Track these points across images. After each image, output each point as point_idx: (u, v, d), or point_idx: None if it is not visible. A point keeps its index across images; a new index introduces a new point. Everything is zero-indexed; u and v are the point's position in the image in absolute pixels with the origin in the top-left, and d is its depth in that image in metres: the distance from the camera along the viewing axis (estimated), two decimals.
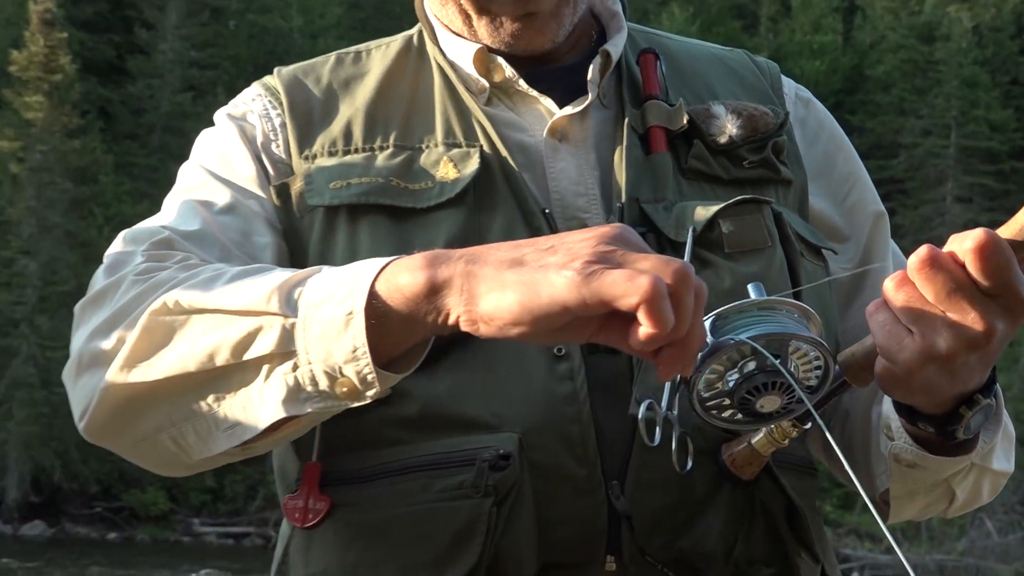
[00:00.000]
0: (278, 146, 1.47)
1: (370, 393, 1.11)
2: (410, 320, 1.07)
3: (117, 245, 1.39)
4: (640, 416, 1.18)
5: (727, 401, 1.12)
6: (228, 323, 1.14)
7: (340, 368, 1.09)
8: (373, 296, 1.07)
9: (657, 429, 1.15)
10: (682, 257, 1.26)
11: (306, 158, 1.44)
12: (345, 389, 1.11)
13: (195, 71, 48.42)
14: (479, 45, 1.45)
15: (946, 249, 1.05)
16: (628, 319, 0.96)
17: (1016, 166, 50.54)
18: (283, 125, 1.47)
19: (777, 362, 1.07)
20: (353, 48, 1.58)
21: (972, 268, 1.03)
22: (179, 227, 1.37)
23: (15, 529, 36.82)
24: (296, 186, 1.43)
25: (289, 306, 1.12)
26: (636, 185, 1.39)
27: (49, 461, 37.67)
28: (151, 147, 46.64)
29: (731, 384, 1.11)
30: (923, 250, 1.05)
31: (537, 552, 1.25)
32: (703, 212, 1.37)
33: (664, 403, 1.16)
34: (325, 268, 1.15)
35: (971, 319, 1.06)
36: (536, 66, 1.46)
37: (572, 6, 1.43)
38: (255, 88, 1.55)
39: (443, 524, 1.25)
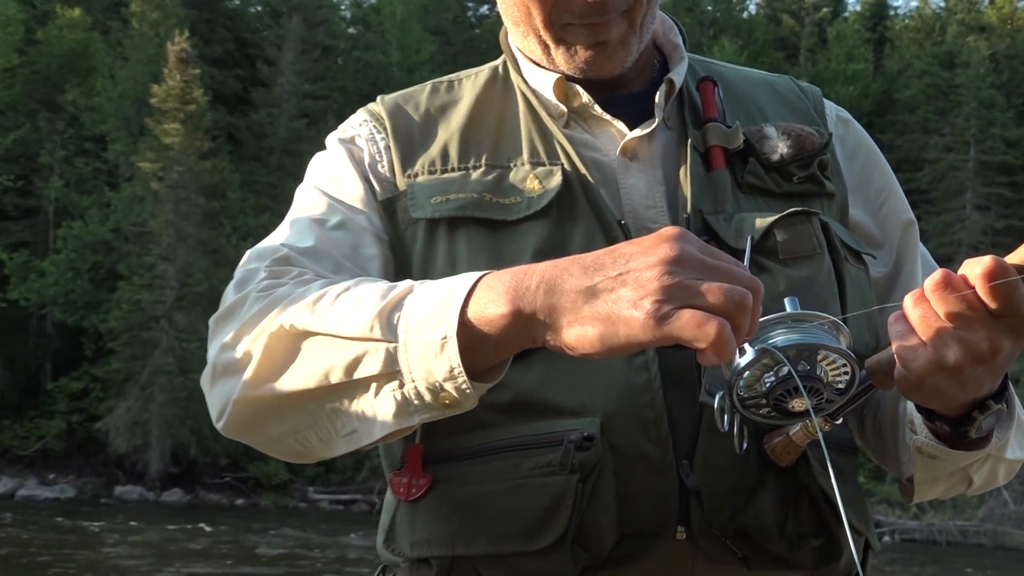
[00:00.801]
0: (383, 166, 1.45)
1: (468, 404, 1.12)
2: (499, 343, 1.08)
3: (244, 263, 1.40)
4: (716, 405, 1.17)
5: (763, 401, 1.13)
6: (339, 346, 1.15)
7: (440, 384, 1.09)
8: (464, 321, 1.07)
9: (725, 416, 1.15)
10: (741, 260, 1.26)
11: (408, 176, 1.43)
12: (447, 402, 1.11)
13: (308, 101, 48.73)
14: (558, 74, 1.43)
15: (960, 272, 1.04)
16: None
17: None
18: (387, 147, 1.46)
19: (795, 370, 1.08)
20: (446, 78, 1.57)
21: (981, 291, 1.02)
22: (295, 244, 1.38)
23: (157, 496, 37.26)
24: (401, 201, 1.42)
25: (390, 331, 1.12)
26: (699, 198, 1.38)
27: (185, 438, 38.03)
28: (271, 167, 47.00)
29: (766, 386, 1.12)
30: (938, 274, 1.04)
31: (616, 523, 1.24)
32: (760, 223, 1.36)
33: (722, 396, 1.17)
34: (417, 288, 1.14)
35: (978, 337, 1.05)
36: (608, 93, 1.44)
37: (638, 36, 1.41)
38: (361, 114, 1.54)
39: (533, 498, 1.24)
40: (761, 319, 1.09)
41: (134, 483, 37.83)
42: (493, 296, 1.06)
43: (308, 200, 1.47)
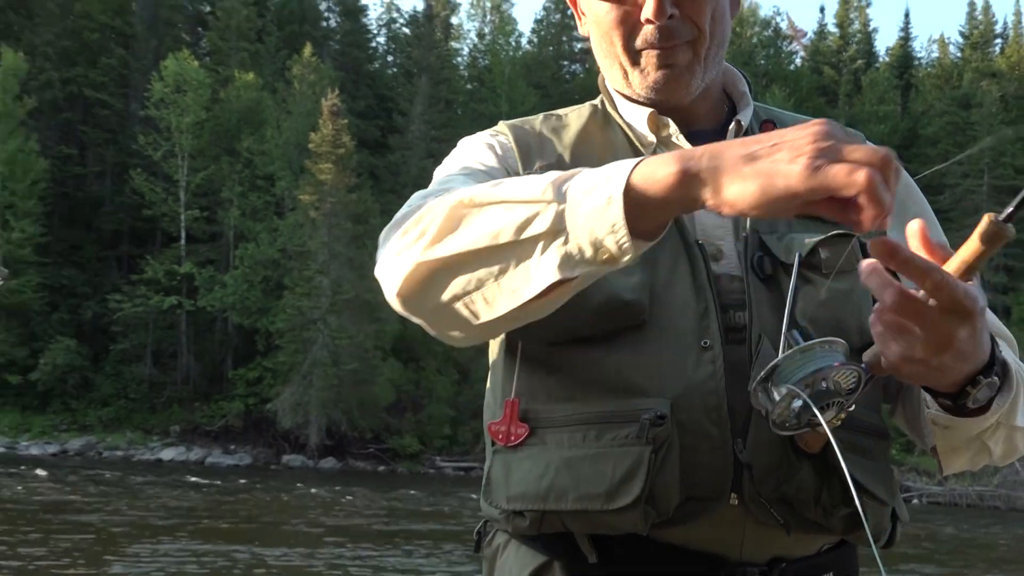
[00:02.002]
0: (510, 161, 1.42)
1: (624, 259, 1.04)
2: (663, 203, 1.01)
3: (413, 198, 1.33)
4: (761, 398, 1.15)
5: (794, 421, 1.12)
6: (511, 210, 1.09)
7: (602, 240, 1.03)
8: (629, 185, 1.01)
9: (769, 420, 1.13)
10: (790, 278, 1.28)
11: (529, 174, 1.36)
12: (606, 256, 1.04)
13: (434, 144, 49.08)
14: (650, 110, 1.41)
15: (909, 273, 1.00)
16: (846, 200, 0.92)
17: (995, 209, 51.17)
18: (512, 150, 1.44)
19: (812, 397, 1.09)
20: (553, 111, 1.54)
21: (936, 300, 1.01)
22: (451, 186, 1.29)
23: (315, 463, 37.78)
24: None
25: (560, 195, 1.06)
26: (757, 221, 1.35)
27: (338, 417, 38.53)
28: (405, 198, 47.39)
29: (795, 413, 1.11)
30: (896, 290, 1.01)
31: (680, 489, 1.22)
32: (807, 241, 1.33)
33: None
34: (586, 168, 1.09)
35: (935, 331, 1.02)
36: (687, 127, 1.40)
37: (703, 66, 1.37)
38: (488, 131, 1.52)
39: (615, 464, 1.23)
40: (776, 360, 1.10)
41: (297, 453, 38.40)
42: (662, 161, 1.00)
43: (455, 165, 1.44)
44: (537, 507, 1.27)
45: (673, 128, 1.40)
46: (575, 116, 1.50)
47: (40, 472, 27.95)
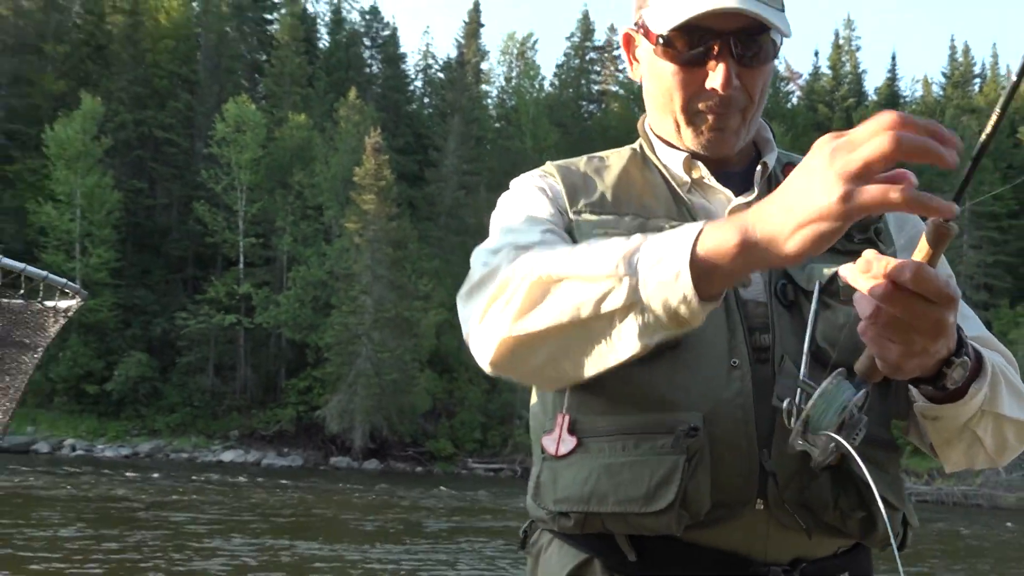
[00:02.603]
0: (562, 200, 1.41)
1: (697, 322, 1.06)
2: (728, 273, 1.02)
3: (476, 258, 1.34)
4: (784, 408, 1.13)
5: (831, 456, 1.11)
6: (587, 285, 1.10)
7: (676, 310, 1.04)
8: (695, 257, 1.02)
9: (792, 418, 1.11)
10: (811, 304, 1.26)
11: (576, 212, 1.39)
12: (681, 323, 1.06)
13: (466, 177, 49.26)
14: (686, 153, 1.40)
15: (891, 276, 0.98)
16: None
17: (1012, 223, 51.14)
18: (559, 190, 1.42)
19: (839, 434, 1.07)
20: (596, 154, 1.52)
21: (917, 290, 0.98)
22: (520, 241, 1.31)
23: (359, 464, 37.78)
24: (571, 227, 1.38)
25: (630, 269, 1.07)
26: None
27: (380, 423, 38.53)
28: (440, 225, 47.56)
29: (832, 449, 1.10)
30: (884, 284, 0.99)
31: (711, 494, 1.22)
32: (826, 271, 1.30)
33: (797, 402, 1.14)
34: (650, 237, 1.09)
35: (928, 321, 1.00)
36: (719, 169, 1.40)
37: (746, 128, 1.36)
38: (536, 171, 1.49)
39: (652, 471, 1.22)
40: (806, 411, 1.08)
41: (343, 455, 38.39)
42: (723, 234, 1.01)
43: (515, 213, 1.42)
44: (581, 509, 1.27)
45: (705, 171, 1.40)
46: (616, 158, 1.49)
47: (113, 472, 28.11)
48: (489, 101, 60.99)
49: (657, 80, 1.37)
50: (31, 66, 47.39)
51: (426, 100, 61.19)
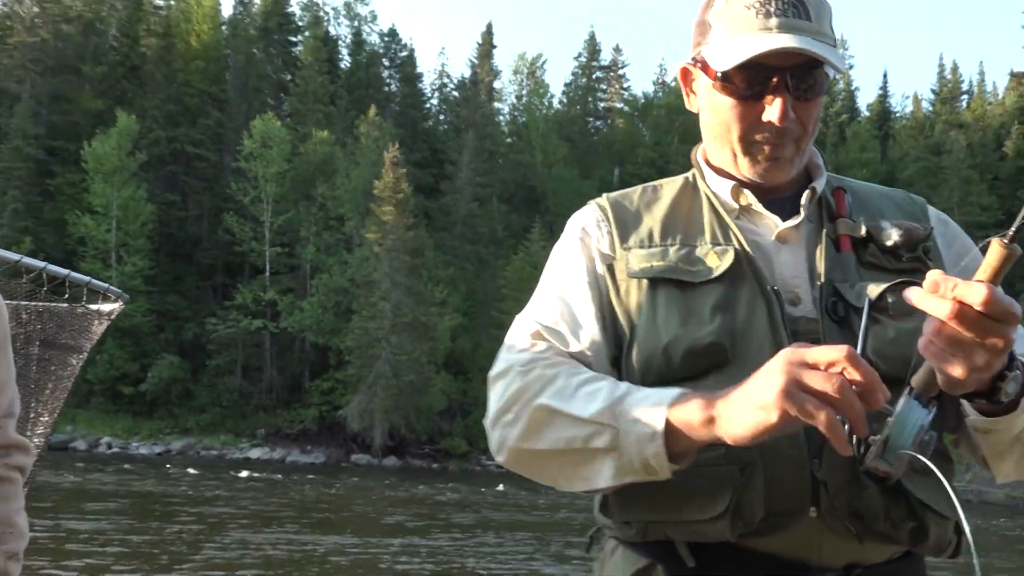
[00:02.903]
0: (605, 243, 1.41)
1: (664, 475, 1.17)
2: (693, 441, 1.13)
3: (511, 331, 1.41)
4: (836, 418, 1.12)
5: (897, 475, 1.11)
6: (579, 424, 1.21)
7: (648, 461, 1.16)
8: (668, 424, 1.13)
9: (845, 427, 1.08)
10: (861, 319, 1.26)
11: (625, 248, 1.39)
12: (650, 472, 1.17)
13: (479, 189, 49.26)
14: (733, 182, 1.40)
15: (960, 297, 0.99)
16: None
17: (999, 233, 50.80)
18: (608, 231, 1.42)
19: (923, 454, 1.07)
20: (652, 183, 1.52)
21: (985, 311, 0.98)
22: (542, 321, 1.37)
23: (379, 461, 37.77)
24: (619, 266, 1.39)
25: (615, 419, 1.18)
26: (831, 271, 1.33)
27: (398, 421, 38.51)
28: (455, 235, 47.56)
29: (906, 465, 1.10)
30: (951, 304, 0.99)
31: (764, 503, 1.21)
32: (875, 288, 1.30)
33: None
34: (634, 393, 1.20)
35: (994, 338, 1.01)
36: (767, 195, 1.39)
37: (800, 156, 1.37)
38: (593, 205, 1.50)
39: (707, 482, 1.23)
40: (884, 434, 1.08)
41: (364, 452, 38.42)
42: (693, 408, 1.14)
43: (554, 274, 1.46)
44: (643, 517, 1.28)
45: (752, 198, 1.40)
46: (669, 188, 1.49)
47: (146, 468, 28.20)
48: (501, 118, 61.04)
49: (715, 112, 1.37)
50: (70, 86, 47.70)
51: (441, 117, 61.25)
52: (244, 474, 28.28)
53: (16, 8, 49.86)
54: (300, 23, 57.14)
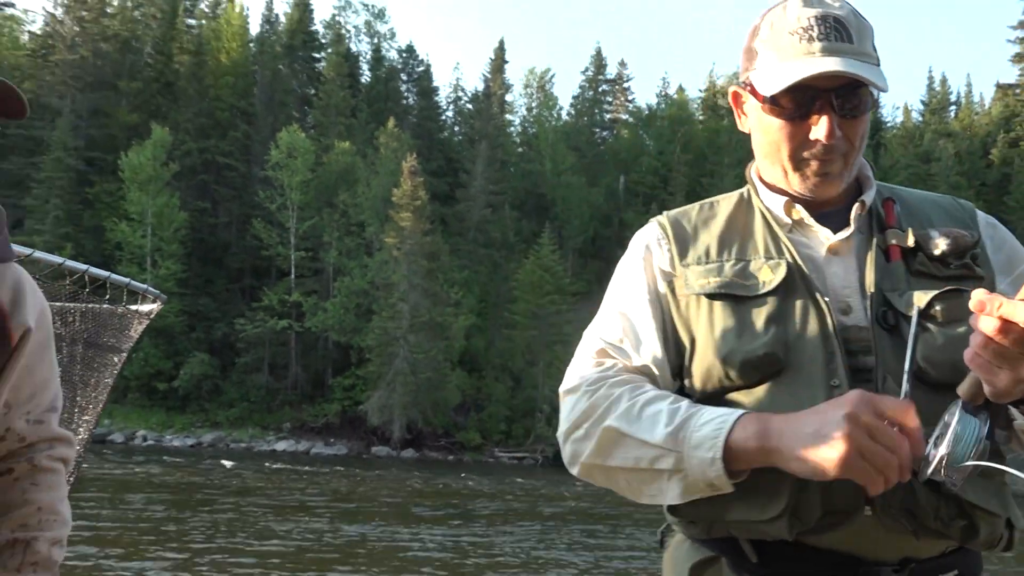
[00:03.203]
0: (665, 259, 1.41)
1: (728, 490, 1.19)
2: (747, 464, 1.16)
3: (580, 346, 1.42)
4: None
5: (960, 484, 1.12)
6: (645, 447, 1.23)
7: (711, 481, 1.18)
8: (727, 447, 1.16)
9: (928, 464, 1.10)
10: (911, 327, 1.22)
11: (684, 265, 1.39)
12: (713, 490, 1.20)
13: (492, 196, 49.13)
14: (786, 198, 1.38)
15: (1005, 316, 0.99)
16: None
17: None
18: (668, 248, 1.42)
19: (983, 460, 1.08)
20: (709, 199, 1.50)
21: None
22: (607, 339, 1.38)
23: (398, 453, 37.71)
24: (678, 280, 1.39)
25: (678, 445, 1.20)
26: (881, 280, 1.31)
27: (416, 416, 38.43)
28: (468, 240, 47.46)
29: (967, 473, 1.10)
30: (996, 321, 1.00)
31: (821, 503, 1.21)
32: (924, 297, 1.28)
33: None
34: (694, 417, 1.21)
35: None
36: (818, 209, 1.38)
37: (849, 171, 1.35)
38: (654, 223, 1.49)
39: (766, 484, 1.21)
40: (942, 454, 1.08)
41: (383, 444, 38.34)
42: (749, 435, 1.16)
43: (617, 292, 1.45)
44: (707, 517, 1.29)
45: (804, 213, 1.38)
46: (725, 204, 1.48)
47: (179, 460, 28.29)
48: (512, 129, 60.87)
49: (765, 133, 1.36)
50: (108, 101, 47.90)
51: (456, 128, 61.18)
52: (271, 465, 28.33)
53: (58, 28, 50.15)
54: (323, 40, 57.24)
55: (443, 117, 60.82)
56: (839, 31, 1.28)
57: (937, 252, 1.34)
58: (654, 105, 64.72)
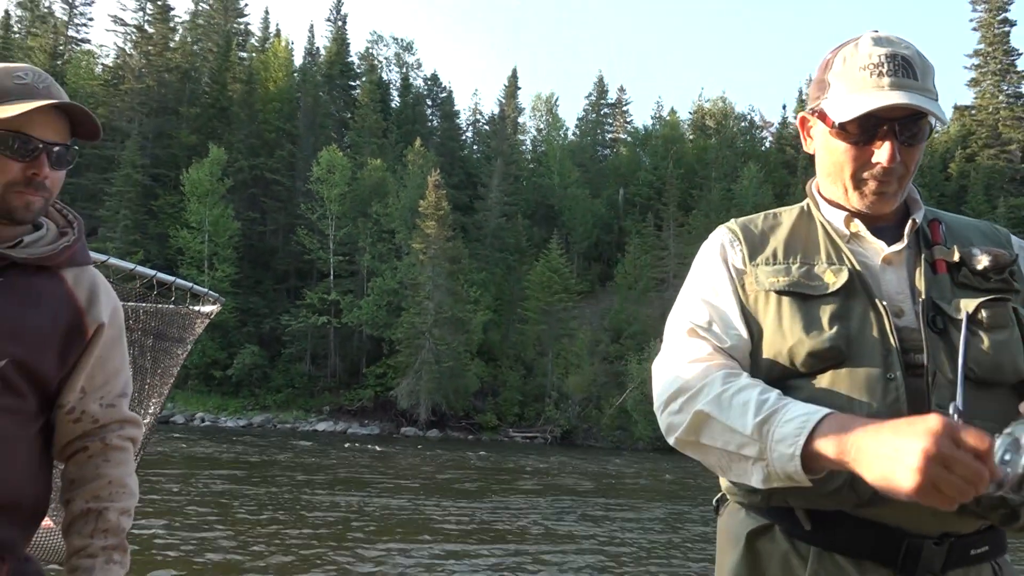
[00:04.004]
0: (738, 259, 1.40)
1: (804, 484, 1.15)
2: (825, 466, 1.11)
3: (669, 328, 1.39)
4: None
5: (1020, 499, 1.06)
6: (733, 433, 1.20)
7: (790, 475, 1.14)
8: (807, 448, 1.11)
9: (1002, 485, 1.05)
10: (958, 331, 1.22)
11: (754, 264, 1.38)
12: (791, 482, 1.16)
13: (507, 207, 49.19)
14: (846, 213, 1.37)
15: None
16: None
17: None
18: (740, 249, 1.41)
19: None
20: (773, 210, 1.49)
21: None
22: (696, 320, 1.36)
23: (424, 433, 37.66)
24: (748, 279, 1.37)
25: (762, 438, 1.16)
26: (930, 289, 1.30)
27: (440, 400, 38.39)
28: (486, 245, 47.44)
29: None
30: None
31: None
32: (971, 303, 1.27)
33: (953, 407, 1.11)
34: (780, 412, 1.16)
35: None
36: (874, 224, 1.36)
37: (902, 192, 1.34)
38: (724, 228, 1.47)
39: None
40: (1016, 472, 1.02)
41: (411, 426, 38.33)
42: (828, 441, 1.10)
43: (699, 283, 1.42)
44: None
45: (862, 227, 1.36)
46: (787, 215, 1.46)
47: (234, 438, 28.38)
48: (524, 147, 60.95)
49: (830, 154, 1.35)
50: (171, 124, 48.22)
51: (475, 147, 61.28)
52: (313, 443, 28.29)
53: (127, 60, 50.53)
54: (358, 70, 57.44)
55: (463, 137, 60.96)
56: (906, 68, 1.28)
57: (980, 267, 1.33)
58: (649, 126, 64.59)
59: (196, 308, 4.74)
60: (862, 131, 1.29)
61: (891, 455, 1.02)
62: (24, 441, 1.35)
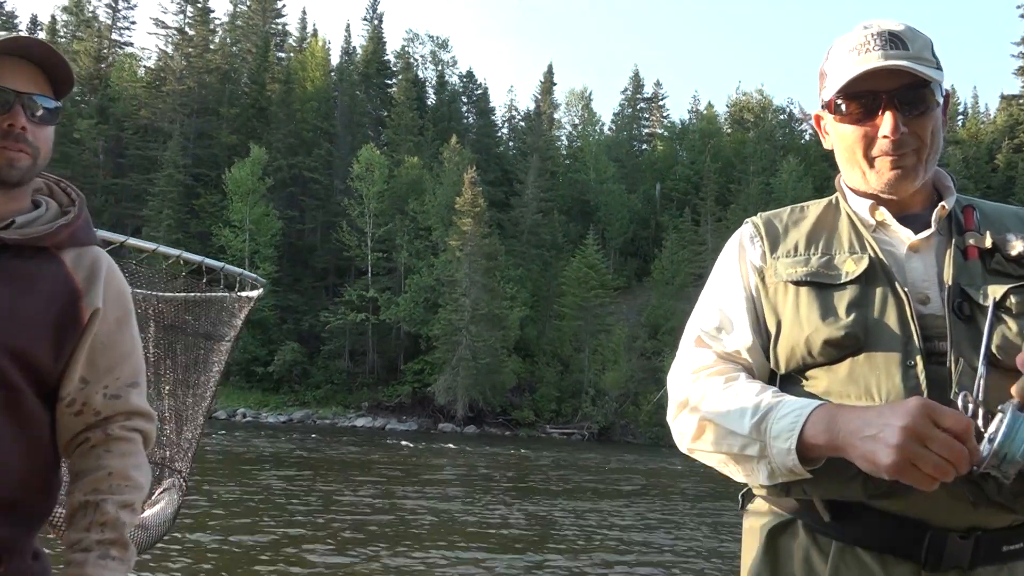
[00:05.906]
0: (757, 254, 1.40)
1: (805, 475, 1.19)
2: (818, 455, 1.16)
3: (684, 335, 1.42)
4: (960, 403, 1.11)
5: (1011, 478, 1.09)
6: (735, 436, 1.25)
7: (790, 468, 1.18)
8: (801, 441, 1.15)
9: (971, 408, 1.09)
10: (985, 317, 1.20)
11: (775, 258, 1.37)
12: (793, 475, 1.20)
13: (543, 203, 48.96)
14: (871, 201, 1.35)
15: None
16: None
17: None
18: (760, 243, 1.40)
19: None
20: (801, 204, 1.47)
21: None
22: (705, 328, 1.38)
23: (461, 429, 37.70)
24: (768, 272, 1.37)
25: (761, 435, 1.21)
26: (959, 275, 1.27)
27: (477, 396, 38.33)
28: (522, 242, 47.28)
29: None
30: None
31: None
32: (999, 289, 1.24)
33: (973, 396, 1.11)
34: (775, 409, 1.20)
35: None
36: (901, 212, 1.34)
37: (923, 167, 1.30)
38: (749, 223, 1.46)
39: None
40: (999, 443, 1.05)
41: (449, 421, 38.45)
42: (819, 431, 1.15)
43: (714, 285, 1.44)
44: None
45: (887, 215, 1.34)
46: (815, 208, 1.44)
47: (274, 433, 28.70)
48: (560, 143, 60.72)
49: (842, 139, 1.34)
50: (211, 125, 48.93)
51: (510, 143, 61.20)
52: (351, 439, 28.44)
53: (168, 63, 51.45)
54: (394, 69, 57.69)
55: (499, 134, 60.90)
56: (893, 41, 1.27)
57: (1014, 253, 1.29)
58: (686, 120, 63.98)
59: (244, 294, 4.79)
60: (862, 108, 1.29)
61: (872, 434, 1.06)
62: (23, 437, 1.26)
